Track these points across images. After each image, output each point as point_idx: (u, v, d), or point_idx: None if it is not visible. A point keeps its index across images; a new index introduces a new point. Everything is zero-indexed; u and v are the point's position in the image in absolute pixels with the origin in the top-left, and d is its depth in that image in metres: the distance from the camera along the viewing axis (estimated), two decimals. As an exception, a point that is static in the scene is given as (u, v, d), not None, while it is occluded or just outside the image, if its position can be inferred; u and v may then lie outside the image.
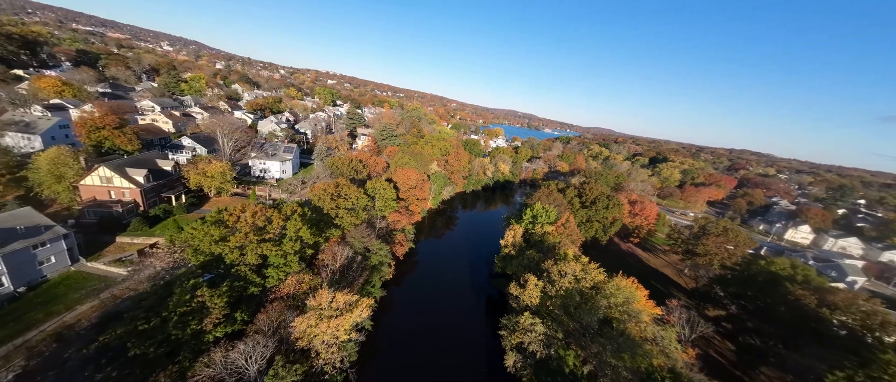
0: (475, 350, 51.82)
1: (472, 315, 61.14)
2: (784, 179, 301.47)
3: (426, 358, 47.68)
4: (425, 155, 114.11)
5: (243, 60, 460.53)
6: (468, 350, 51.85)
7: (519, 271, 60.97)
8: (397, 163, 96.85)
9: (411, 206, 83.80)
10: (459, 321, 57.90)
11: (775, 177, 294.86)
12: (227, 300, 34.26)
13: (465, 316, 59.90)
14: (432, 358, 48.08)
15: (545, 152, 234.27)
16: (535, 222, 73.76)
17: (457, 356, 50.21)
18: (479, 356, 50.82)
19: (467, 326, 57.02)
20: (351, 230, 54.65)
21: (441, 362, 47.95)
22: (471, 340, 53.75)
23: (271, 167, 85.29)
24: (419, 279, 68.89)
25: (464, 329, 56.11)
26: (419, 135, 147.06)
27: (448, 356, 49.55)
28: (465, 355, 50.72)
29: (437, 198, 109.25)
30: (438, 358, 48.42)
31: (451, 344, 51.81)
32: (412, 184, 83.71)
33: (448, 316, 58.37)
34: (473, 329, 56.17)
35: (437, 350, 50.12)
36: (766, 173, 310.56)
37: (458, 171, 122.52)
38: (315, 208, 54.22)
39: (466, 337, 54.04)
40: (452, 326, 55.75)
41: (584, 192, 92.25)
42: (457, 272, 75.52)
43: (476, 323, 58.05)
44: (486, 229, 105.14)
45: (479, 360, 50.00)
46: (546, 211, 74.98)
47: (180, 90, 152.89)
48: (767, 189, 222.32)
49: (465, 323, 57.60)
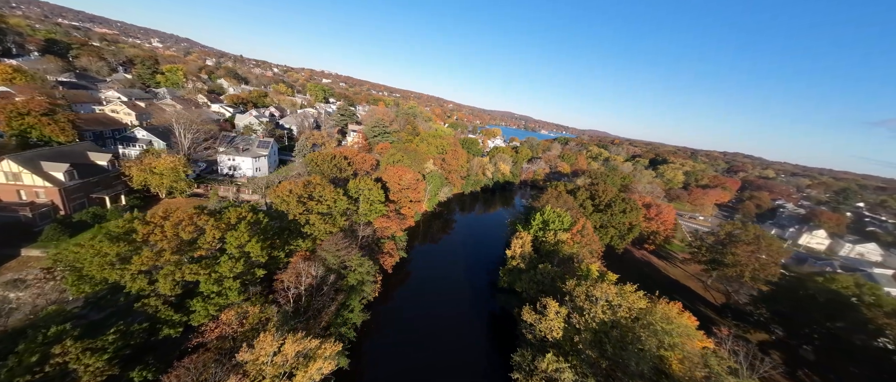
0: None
1: (474, 336, 49.67)
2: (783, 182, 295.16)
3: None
4: (420, 152, 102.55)
5: (235, 58, 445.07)
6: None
7: (530, 289, 49.60)
8: (388, 160, 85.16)
9: (403, 209, 72.13)
10: (459, 347, 46.34)
11: (776, 179, 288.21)
12: (113, 355, 22.31)
13: (465, 341, 48.33)
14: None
15: (545, 153, 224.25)
16: (546, 228, 62.56)
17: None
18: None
19: (468, 354, 45.51)
20: (325, 240, 42.94)
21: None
22: (475, 373, 42.31)
23: (242, 163, 72.94)
24: (411, 293, 57.26)
25: (465, 357, 44.61)
26: (414, 132, 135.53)
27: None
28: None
29: (433, 200, 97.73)
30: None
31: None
32: (405, 183, 72.08)
33: (445, 342, 46.71)
34: (476, 358, 44.72)
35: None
36: (766, 176, 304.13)
37: (456, 171, 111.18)
38: (278, 214, 42.42)
39: (468, 371, 42.53)
40: (450, 355, 44.17)
41: (596, 194, 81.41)
42: (455, 283, 63.86)
43: (478, 351, 46.57)
44: (487, 233, 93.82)
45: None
46: (559, 216, 63.84)
47: (156, 82, 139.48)
48: (771, 191, 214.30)
49: (465, 350, 46.05)
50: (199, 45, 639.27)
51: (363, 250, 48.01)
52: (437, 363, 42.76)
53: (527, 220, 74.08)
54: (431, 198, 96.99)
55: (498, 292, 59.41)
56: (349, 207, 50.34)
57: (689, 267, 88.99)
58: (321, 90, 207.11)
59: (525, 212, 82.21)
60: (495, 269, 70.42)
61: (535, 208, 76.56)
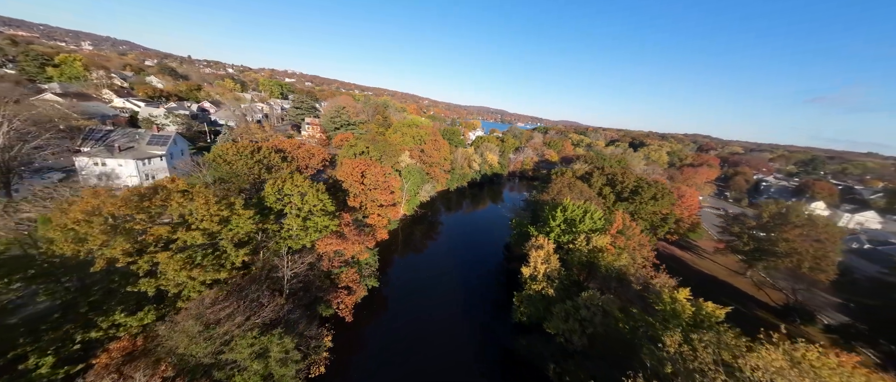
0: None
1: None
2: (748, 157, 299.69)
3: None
4: (393, 143, 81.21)
5: (182, 59, 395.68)
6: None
7: (573, 333, 30.69)
8: (347, 153, 63.16)
9: (371, 218, 50.93)
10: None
11: (746, 154, 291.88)
12: None
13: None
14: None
15: (528, 142, 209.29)
16: (571, 230, 43.93)
17: None
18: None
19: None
20: (193, 300, 21.53)
21: None
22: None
23: (120, 167, 48.05)
24: (386, 340, 36.70)
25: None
26: (386, 123, 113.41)
27: None
28: None
29: (413, 201, 76.98)
30: None
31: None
32: (371, 182, 50.82)
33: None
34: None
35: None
36: (736, 151, 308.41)
37: (438, 164, 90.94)
38: (61, 263, 20.40)
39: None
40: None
41: (616, 180, 64.20)
42: (449, 316, 43.53)
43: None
44: (481, 236, 74.52)
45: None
46: (586, 211, 45.29)
47: (47, 77, 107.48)
48: (748, 166, 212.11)
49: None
50: (141, 48, 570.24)
51: (290, 303, 26.67)
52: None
53: (536, 218, 55.35)
54: (411, 199, 76.26)
55: (516, 331, 40.09)
56: (266, 228, 28.83)
57: (720, 259, 74.45)
58: (278, 85, 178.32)
59: (530, 208, 63.52)
60: (501, 287, 51.16)
61: (542, 202, 58.01)
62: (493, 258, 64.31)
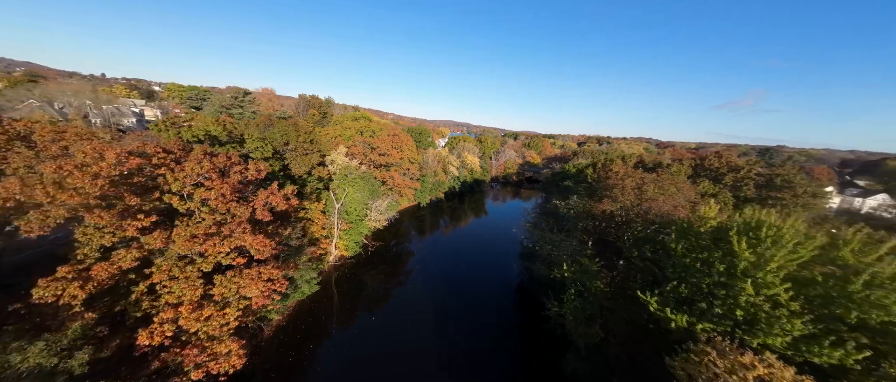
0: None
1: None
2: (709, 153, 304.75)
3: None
4: (322, 137, 46.95)
5: (91, 77, 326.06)
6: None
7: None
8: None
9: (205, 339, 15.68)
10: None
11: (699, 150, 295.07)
12: None
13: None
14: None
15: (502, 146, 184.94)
16: (762, 263, 13.15)
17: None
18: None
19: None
20: None
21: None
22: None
23: None
24: None
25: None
26: (322, 120, 78.38)
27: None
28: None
29: (358, 230, 42.26)
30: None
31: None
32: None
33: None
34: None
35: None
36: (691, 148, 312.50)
37: (398, 166, 57.60)
38: None
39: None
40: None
41: (721, 172, 35.80)
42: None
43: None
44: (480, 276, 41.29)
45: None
46: (800, 232, 14.81)
47: None
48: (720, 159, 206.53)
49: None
50: (49, 69, 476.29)
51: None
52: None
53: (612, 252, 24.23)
54: (355, 227, 41.59)
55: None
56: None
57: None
58: (191, 89, 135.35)
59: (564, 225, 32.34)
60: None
61: (615, 220, 27.49)
62: (505, 311, 31.58)
